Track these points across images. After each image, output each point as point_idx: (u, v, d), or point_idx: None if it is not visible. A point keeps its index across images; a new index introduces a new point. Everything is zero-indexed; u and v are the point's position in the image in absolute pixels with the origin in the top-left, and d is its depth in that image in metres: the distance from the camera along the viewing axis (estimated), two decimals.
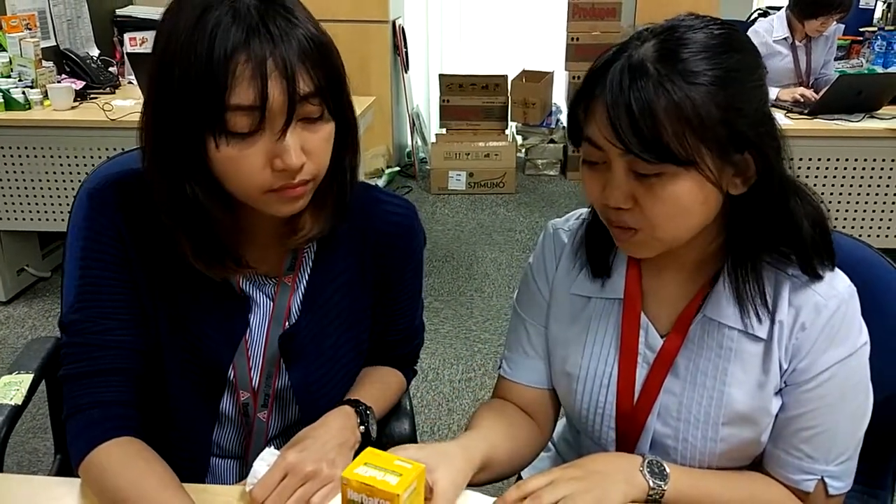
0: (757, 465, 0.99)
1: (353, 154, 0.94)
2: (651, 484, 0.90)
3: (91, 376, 0.93)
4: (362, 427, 1.00)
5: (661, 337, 0.97)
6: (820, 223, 0.91)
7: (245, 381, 1.01)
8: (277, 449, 0.94)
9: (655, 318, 0.97)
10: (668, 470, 0.92)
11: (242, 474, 1.04)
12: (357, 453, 0.96)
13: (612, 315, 0.99)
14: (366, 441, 1.00)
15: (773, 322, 0.90)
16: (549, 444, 1.21)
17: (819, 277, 0.90)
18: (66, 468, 1.27)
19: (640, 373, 0.98)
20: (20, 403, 1.16)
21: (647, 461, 0.92)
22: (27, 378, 1.21)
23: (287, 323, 1.01)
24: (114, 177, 0.96)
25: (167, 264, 0.95)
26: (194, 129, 0.81)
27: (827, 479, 0.92)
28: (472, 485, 0.95)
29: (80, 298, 0.95)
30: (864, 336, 0.92)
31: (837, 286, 0.90)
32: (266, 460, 0.91)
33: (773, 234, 0.88)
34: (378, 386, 1.10)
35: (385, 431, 1.14)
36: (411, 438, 1.18)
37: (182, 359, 0.98)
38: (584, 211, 1.05)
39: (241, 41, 0.78)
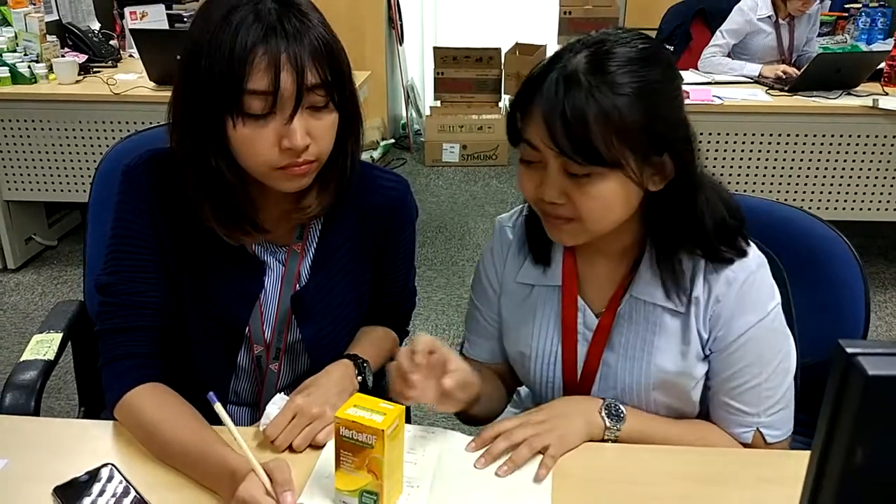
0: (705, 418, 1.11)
1: (355, 141, 1.07)
2: (607, 424, 1.04)
3: (123, 332, 1.07)
4: (360, 377, 1.13)
5: (596, 316, 1.09)
6: (722, 220, 1.00)
7: (259, 336, 1.15)
8: (286, 395, 1.07)
9: (591, 301, 1.10)
10: (624, 412, 1.05)
11: (255, 419, 1.17)
12: None
13: (553, 300, 1.12)
14: (363, 390, 1.14)
15: (689, 298, 1.02)
16: (519, 400, 1.34)
17: (728, 261, 1.01)
18: (90, 418, 1.41)
19: (581, 349, 1.10)
20: (52, 359, 1.28)
21: (605, 404, 1.05)
22: (57, 336, 1.33)
23: (297, 285, 1.14)
24: (146, 154, 1.09)
25: (191, 233, 1.08)
26: (217, 110, 0.95)
27: (762, 430, 1.04)
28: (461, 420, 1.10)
29: (112, 263, 1.08)
30: (775, 299, 1.04)
31: (745, 260, 1.02)
32: (277, 404, 1.05)
33: (682, 226, 0.99)
34: (374, 343, 1.24)
35: (380, 383, 1.28)
36: None
37: (203, 317, 1.11)
38: (525, 206, 1.13)
39: (260, 37, 0.92)
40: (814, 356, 1.10)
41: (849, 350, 0.41)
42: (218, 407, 0.88)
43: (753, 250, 1.04)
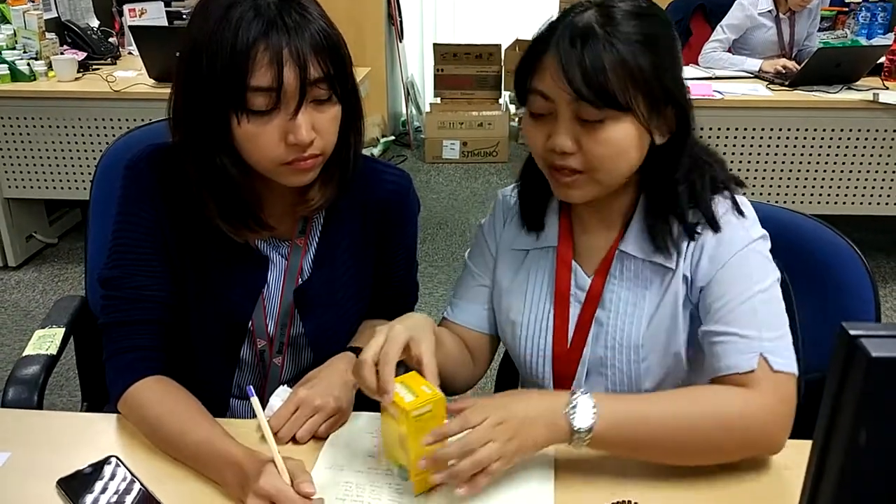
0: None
1: (357, 134, 1.07)
2: (575, 426, 0.89)
3: (126, 325, 1.07)
4: None
5: (589, 277, 1.09)
6: (697, 190, 1.01)
7: (262, 331, 1.15)
8: (289, 388, 1.08)
9: (584, 262, 1.10)
10: (595, 411, 0.90)
11: None
12: (358, 393, 1.11)
13: (547, 263, 1.12)
14: None
15: (678, 251, 1.03)
16: None
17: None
18: (92, 412, 1.41)
19: (574, 312, 1.10)
20: (55, 354, 1.29)
21: (572, 403, 0.90)
22: (59, 332, 1.34)
23: (300, 279, 1.15)
24: (148, 149, 1.09)
25: (195, 228, 1.08)
26: (220, 108, 0.95)
27: (766, 355, 0.94)
28: None
29: (116, 257, 1.08)
30: (759, 232, 1.03)
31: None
32: (280, 396, 1.05)
33: (673, 185, 1.01)
34: None
35: None
36: None
37: (207, 312, 1.11)
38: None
39: (262, 32, 0.92)
40: (822, 369, 1.04)
41: (852, 332, 0.41)
42: (255, 401, 0.90)
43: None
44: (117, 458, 0.98)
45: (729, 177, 1.06)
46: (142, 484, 0.93)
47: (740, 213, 1.03)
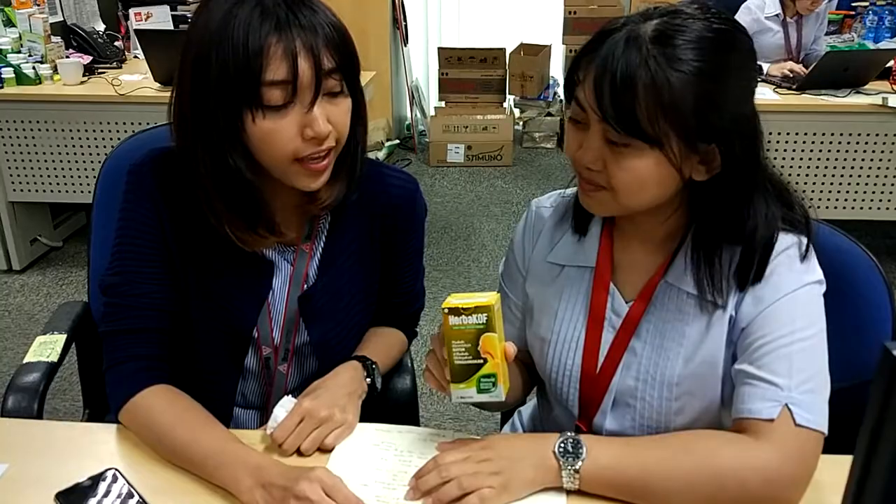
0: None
1: (363, 128, 1.06)
2: (562, 464, 0.90)
3: (128, 333, 1.05)
4: (368, 379, 1.11)
5: (627, 303, 1.03)
6: (770, 236, 0.94)
7: (267, 338, 1.13)
8: (294, 398, 1.05)
9: (623, 286, 1.04)
10: (584, 447, 0.91)
11: (263, 422, 1.15)
12: (364, 404, 1.09)
13: (583, 282, 1.06)
14: (371, 392, 1.12)
15: (728, 290, 0.96)
16: (518, 423, 1.29)
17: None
18: (94, 420, 1.39)
19: (607, 337, 1.03)
20: (56, 361, 1.26)
21: (561, 439, 0.92)
22: (61, 338, 1.32)
23: (305, 285, 1.12)
24: (151, 153, 1.07)
25: (198, 234, 1.06)
26: (233, 106, 0.93)
27: (792, 407, 0.89)
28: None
29: (117, 263, 1.06)
30: (814, 276, 0.96)
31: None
32: (285, 407, 1.02)
33: (726, 223, 0.94)
34: (383, 344, 1.22)
35: (388, 385, 1.26)
36: (412, 392, 1.30)
37: (210, 319, 1.09)
38: (564, 191, 1.12)
39: (273, 28, 0.91)
40: (840, 380, 0.97)
41: (895, 352, 0.39)
42: None
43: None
44: (117, 470, 0.95)
45: (797, 220, 0.99)
46: (141, 497, 0.91)
47: (804, 255, 0.96)
